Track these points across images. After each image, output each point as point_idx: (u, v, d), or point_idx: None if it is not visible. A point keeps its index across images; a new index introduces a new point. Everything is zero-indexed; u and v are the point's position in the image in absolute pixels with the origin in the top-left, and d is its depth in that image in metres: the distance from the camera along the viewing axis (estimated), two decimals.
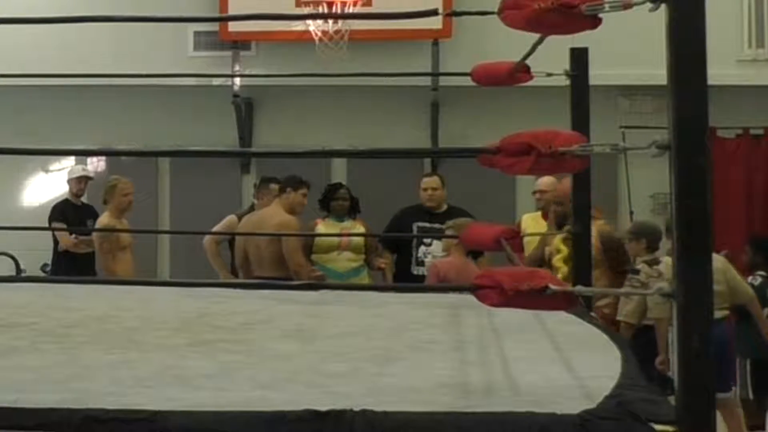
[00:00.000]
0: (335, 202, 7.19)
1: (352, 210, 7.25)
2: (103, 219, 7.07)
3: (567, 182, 6.33)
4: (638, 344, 5.84)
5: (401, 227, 7.24)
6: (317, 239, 7.00)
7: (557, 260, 6.11)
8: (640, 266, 6.15)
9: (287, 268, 6.54)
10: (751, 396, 6.65)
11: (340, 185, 7.45)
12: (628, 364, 2.94)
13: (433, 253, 7.07)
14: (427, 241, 7.18)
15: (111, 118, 9.02)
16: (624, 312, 6.15)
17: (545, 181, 6.76)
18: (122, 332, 3.64)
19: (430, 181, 7.43)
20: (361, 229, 7.22)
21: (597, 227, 5.81)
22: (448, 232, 6.20)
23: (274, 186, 6.96)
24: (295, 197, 6.78)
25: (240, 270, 6.94)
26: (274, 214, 6.69)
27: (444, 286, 5.57)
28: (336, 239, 6.98)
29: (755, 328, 6.45)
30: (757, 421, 6.56)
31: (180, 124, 8.94)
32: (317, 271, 6.85)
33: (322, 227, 7.15)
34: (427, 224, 7.21)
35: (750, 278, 6.68)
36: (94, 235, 7.10)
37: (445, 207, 7.29)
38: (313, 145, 8.49)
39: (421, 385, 2.69)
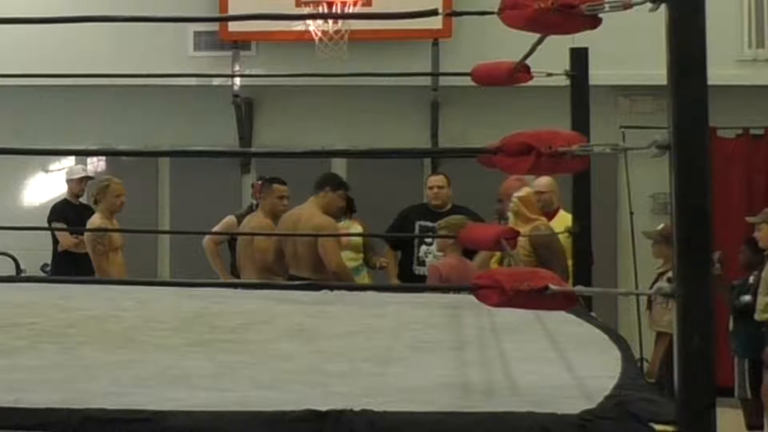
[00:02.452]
0: None
1: (348, 209, 7.23)
2: (95, 221, 6.98)
3: (509, 181, 6.33)
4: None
5: (405, 225, 7.24)
6: None
7: (493, 262, 6.12)
8: None
9: (325, 270, 6.27)
10: (749, 396, 6.65)
11: None
12: (628, 364, 2.94)
13: (434, 252, 7.06)
14: (428, 240, 7.18)
15: (111, 118, 9.01)
16: (666, 321, 6.04)
17: (543, 181, 6.75)
18: (122, 332, 3.64)
19: (437, 179, 7.45)
20: (359, 228, 7.22)
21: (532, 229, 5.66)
22: (441, 233, 6.19)
23: (278, 186, 6.90)
24: (333, 198, 6.54)
25: (264, 270, 6.60)
26: (312, 215, 6.41)
27: (444, 286, 5.56)
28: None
29: (753, 327, 6.45)
30: (757, 422, 6.56)
31: (180, 124, 8.93)
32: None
33: None
34: (429, 223, 7.20)
35: (750, 278, 6.68)
36: (87, 237, 7.00)
37: (449, 206, 7.29)
38: (313, 145, 8.48)
39: (421, 385, 2.69)
